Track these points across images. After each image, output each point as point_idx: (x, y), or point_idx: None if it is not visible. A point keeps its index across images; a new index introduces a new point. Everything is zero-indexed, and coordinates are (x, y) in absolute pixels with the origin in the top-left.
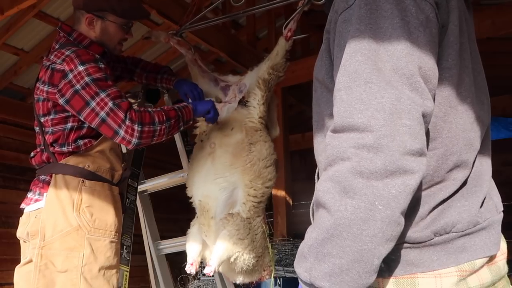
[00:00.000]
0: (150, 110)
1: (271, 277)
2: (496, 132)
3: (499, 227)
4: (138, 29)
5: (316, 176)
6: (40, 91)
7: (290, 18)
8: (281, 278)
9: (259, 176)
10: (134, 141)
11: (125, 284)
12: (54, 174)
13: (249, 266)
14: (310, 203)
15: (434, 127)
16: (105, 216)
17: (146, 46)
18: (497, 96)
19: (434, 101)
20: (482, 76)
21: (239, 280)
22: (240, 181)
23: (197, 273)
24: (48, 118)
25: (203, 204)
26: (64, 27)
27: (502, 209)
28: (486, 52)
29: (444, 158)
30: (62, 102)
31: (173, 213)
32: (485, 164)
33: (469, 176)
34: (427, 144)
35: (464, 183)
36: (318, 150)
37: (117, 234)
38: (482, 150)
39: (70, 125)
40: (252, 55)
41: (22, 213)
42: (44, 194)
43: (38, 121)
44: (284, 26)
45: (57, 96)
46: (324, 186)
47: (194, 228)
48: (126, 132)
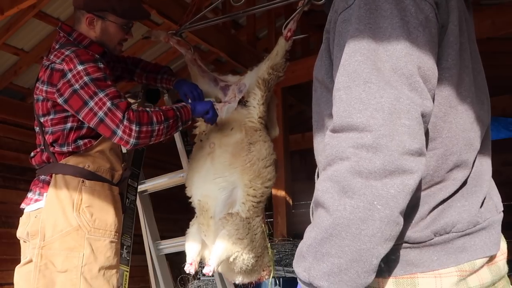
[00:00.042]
0: (148, 110)
1: (270, 277)
2: (496, 132)
3: (499, 227)
4: (138, 29)
5: (316, 176)
6: (39, 91)
7: (290, 18)
8: (281, 278)
9: (259, 176)
10: (132, 141)
11: (125, 284)
12: (54, 174)
13: (248, 266)
14: (310, 203)
15: (434, 127)
16: (105, 216)
17: (146, 46)
18: (497, 96)
19: (433, 101)
20: (482, 76)
21: (239, 280)
22: (239, 181)
23: (197, 273)
24: (47, 118)
25: (203, 203)
26: (64, 27)
27: (502, 209)
28: (486, 52)
29: (444, 158)
30: (61, 102)
31: (173, 213)
32: (485, 164)
33: (469, 176)
34: (427, 144)
35: (464, 183)
36: (318, 150)
37: (117, 234)
38: (482, 150)
39: (69, 125)
40: (252, 55)
41: (22, 213)
42: (44, 194)
43: (38, 121)
44: (284, 26)
45: (56, 95)
46: (323, 186)
47: (193, 227)
48: (124, 132)
